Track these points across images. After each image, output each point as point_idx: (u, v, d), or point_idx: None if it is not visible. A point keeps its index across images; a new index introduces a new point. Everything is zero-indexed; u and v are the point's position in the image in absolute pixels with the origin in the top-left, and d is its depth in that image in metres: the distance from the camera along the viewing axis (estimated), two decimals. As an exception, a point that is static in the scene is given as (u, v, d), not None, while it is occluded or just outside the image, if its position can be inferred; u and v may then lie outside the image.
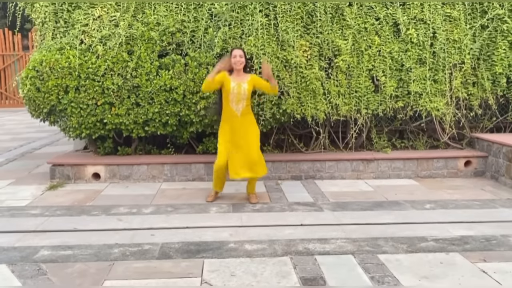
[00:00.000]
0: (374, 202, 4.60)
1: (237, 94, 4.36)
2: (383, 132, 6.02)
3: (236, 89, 4.36)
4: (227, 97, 4.41)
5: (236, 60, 4.36)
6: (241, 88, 4.36)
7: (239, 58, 4.36)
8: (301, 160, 5.52)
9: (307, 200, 4.66)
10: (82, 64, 5.10)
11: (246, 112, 4.46)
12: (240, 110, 4.41)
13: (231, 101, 4.40)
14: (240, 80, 4.39)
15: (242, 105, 4.41)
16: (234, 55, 4.38)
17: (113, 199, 4.74)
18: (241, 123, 4.43)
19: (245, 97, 4.39)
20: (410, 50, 5.51)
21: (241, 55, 4.37)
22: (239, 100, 4.39)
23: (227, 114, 4.46)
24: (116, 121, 5.21)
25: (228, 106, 4.43)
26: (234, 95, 4.37)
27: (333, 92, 5.44)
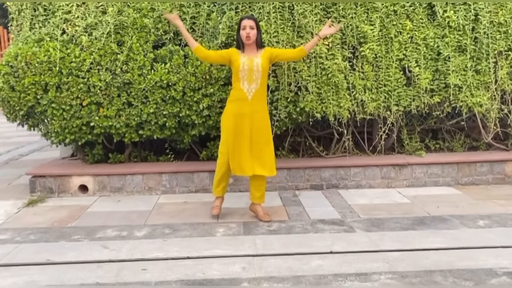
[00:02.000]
0: (414, 219, 3.79)
1: (249, 70, 3.58)
2: (414, 132, 5.19)
3: (248, 64, 3.58)
4: (237, 75, 3.64)
5: (245, 32, 3.57)
6: (253, 63, 3.59)
7: (249, 29, 3.57)
8: (321, 167, 4.71)
9: (333, 217, 3.86)
10: (64, 57, 4.32)
11: (259, 97, 3.66)
12: (252, 92, 3.61)
13: (241, 80, 3.62)
14: (252, 55, 3.63)
15: (255, 85, 3.62)
16: (243, 26, 3.59)
17: (101, 217, 3.96)
18: (251, 109, 3.64)
19: (259, 75, 3.60)
20: (448, 36, 4.68)
21: (251, 26, 3.57)
22: (251, 78, 3.60)
23: (235, 95, 3.69)
24: (105, 124, 4.42)
25: (237, 85, 3.66)
26: (245, 72, 3.60)
27: (359, 86, 4.63)
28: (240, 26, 3.63)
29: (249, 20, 3.61)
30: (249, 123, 3.63)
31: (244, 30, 3.58)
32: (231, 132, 3.66)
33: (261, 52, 3.66)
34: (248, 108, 3.63)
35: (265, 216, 3.78)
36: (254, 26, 3.59)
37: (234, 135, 3.64)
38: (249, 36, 3.57)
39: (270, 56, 3.66)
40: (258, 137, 3.66)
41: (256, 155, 3.67)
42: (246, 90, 3.62)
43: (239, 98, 3.65)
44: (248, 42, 3.60)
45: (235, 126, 3.64)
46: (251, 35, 3.58)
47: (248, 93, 3.62)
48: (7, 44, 14.65)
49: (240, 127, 3.63)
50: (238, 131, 3.63)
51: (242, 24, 3.61)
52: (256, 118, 3.65)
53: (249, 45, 3.62)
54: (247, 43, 3.61)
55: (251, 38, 3.59)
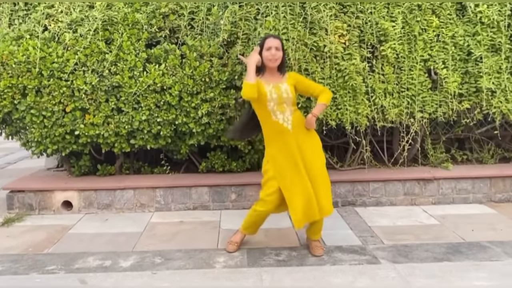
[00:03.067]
0: (447, 246, 3.23)
1: (278, 98, 2.97)
2: (439, 141, 4.64)
3: (276, 92, 2.97)
4: (265, 108, 2.99)
5: (271, 53, 2.98)
6: (281, 89, 2.98)
7: (275, 51, 2.98)
8: (336, 181, 4.15)
9: (352, 243, 3.31)
10: (45, 57, 3.81)
11: (298, 122, 3.03)
12: (290, 120, 2.99)
13: (272, 112, 2.99)
14: (275, 80, 3.03)
15: (289, 112, 3.00)
16: (269, 46, 2.98)
17: (83, 241, 3.43)
18: (298, 139, 3.00)
19: (289, 101, 2.99)
20: (479, 34, 4.13)
21: (278, 47, 3.00)
22: (282, 107, 2.98)
23: (272, 131, 3.04)
24: (91, 132, 3.91)
25: (269, 120, 3.02)
26: (275, 101, 2.97)
27: (378, 90, 4.09)
28: (263, 45, 3.03)
29: (275, 39, 3.02)
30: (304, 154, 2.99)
31: (269, 51, 2.97)
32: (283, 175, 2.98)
33: (286, 77, 3.06)
34: (293, 140, 2.98)
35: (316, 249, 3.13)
36: (281, 47, 3.02)
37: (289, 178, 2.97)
38: (276, 59, 2.99)
39: (296, 83, 3.05)
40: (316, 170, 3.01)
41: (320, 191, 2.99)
42: (282, 121, 2.98)
43: (279, 132, 2.99)
44: (272, 65, 3.01)
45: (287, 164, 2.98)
46: (277, 57, 2.99)
47: (286, 124, 2.98)
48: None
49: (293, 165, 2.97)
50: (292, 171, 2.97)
51: (266, 44, 3.00)
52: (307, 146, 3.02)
53: (271, 69, 3.04)
54: (272, 66, 3.02)
55: (277, 61, 3.01)
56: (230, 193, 4.12)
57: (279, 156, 3.01)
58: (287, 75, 3.09)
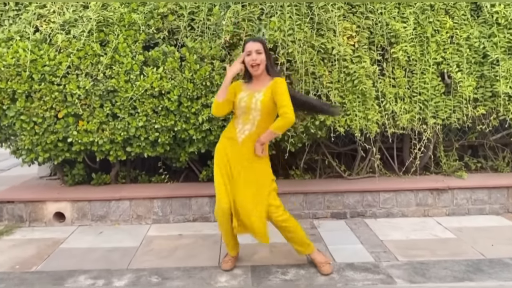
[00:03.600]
0: (467, 263, 2.99)
1: (246, 108, 2.76)
2: (452, 148, 4.41)
3: (246, 101, 2.76)
4: (235, 111, 2.85)
5: (251, 58, 2.74)
6: (252, 99, 2.75)
7: (255, 55, 2.74)
8: (344, 191, 3.93)
9: (364, 260, 3.07)
10: (36, 60, 3.58)
11: (250, 141, 2.77)
12: (244, 134, 2.78)
13: (237, 117, 2.83)
14: (256, 88, 2.79)
15: (250, 127, 2.78)
16: (248, 50, 2.75)
17: (75, 256, 3.20)
18: (242, 155, 2.79)
19: (257, 114, 2.75)
20: (496, 35, 3.92)
21: (258, 51, 2.74)
22: (247, 118, 2.78)
23: (228, 132, 2.88)
24: (85, 139, 3.68)
25: (233, 121, 2.88)
26: (242, 110, 2.78)
27: (389, 95, 3.87)
28: (243, 50, 2.81)
29: (254, 42, 2.76)
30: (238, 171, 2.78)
31: (250, 56, 2.75)
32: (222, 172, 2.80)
33: (268, 84, 2.78)
34: (236, 153, 2.79)
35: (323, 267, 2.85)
36: (262, 49, 2.76)
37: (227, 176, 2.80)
38: (257, 63, 2.74)
39: (272, 93, 2.75)
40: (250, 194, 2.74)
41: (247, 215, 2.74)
42: (238, 130, 2.80)
43: (230, 137, 2.84)
44: (256, 73, 2.77)
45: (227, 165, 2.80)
46: (259, 61, 2.74)
47: (238, 135, 2.79)
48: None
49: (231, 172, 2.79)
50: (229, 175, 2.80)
51: (246, 49, 2.77)
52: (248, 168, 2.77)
53: (257, 75, 2.79)
54: (255, 74, 2.78)
55: (260, 66, 2.75)
56: (232, 204, 3.88)
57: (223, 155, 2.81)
58: (271, 82, 2.78)
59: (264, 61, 2.78)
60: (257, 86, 2.81)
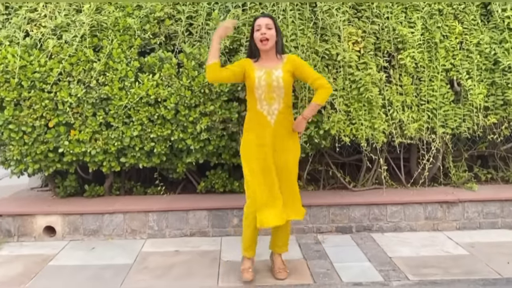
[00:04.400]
0: (483, 283, 2.81)
1: (267, 87, 2.67)
2: (461, 158, 4.24)
3: (265, 79, 2.67)
4: (253, 94, 2.73)
5: (260, 34, 2.68)
6: (272, 77, 2.68)
7: (265, 29, 2.68)
8: (350, 204, 3.74)
9: (372, 279, 2.88)
10: (26, 66, 3.41)
11: (284, 119, 2.73)
12: (274, 114, 2.70)
13: (258, 100, 2.71)
14: (270, 65, 2.71)
15: (278, 106, 2.71)
16: (258, 25, 2.70)
17: (64, 275, 3.00)
18: (276, 136, 2.73)
19: (280, 92, 2.70)
20: (507, 41, 3.76)
21: (268, 25, 2.69)
22: (271, 97, 2.70)
23: (254, 121, 2.77)
24: (77, 150, 3.50)
25: (254, 108, 2.75)
26: (263, 90, 2.69)
27: (396, 103, 3.70)
28: (253, 27, 2.75)
29: (264, 18, 2.73)
30: (273, 156, 2.72)
31: (259, 31, 2.69)
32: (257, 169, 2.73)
33: (283, 61, 2.75)
34: (271, 136, 2.72)
35: (280, 273, 2.85)
36: (272, 25, 2.71)
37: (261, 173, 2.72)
38: (266, 38, 2.67)
39: (294, 69, 2.73)
40: (287, 174, 2.76)
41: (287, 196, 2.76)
42: (266, 113, 2.70)
43: (260, 124, 2.74)
44: (264, 47, 2.70)
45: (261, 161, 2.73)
46: (268, 35, 2.67)
47: (270, 117, 2.70)
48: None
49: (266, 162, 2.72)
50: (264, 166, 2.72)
51: (256, 24, 2.73)
52: (283, 149, 2.74)
53: (266, 51, 2.72)
54: (264, 49, 2.71)
55: (269, 41, 2.69)
56: (232, 218, 3.70)
57: (255, 147, 2.74)
58: (285, 58, 2.75)
59: (274, 37, 2.71)
60: (269, 63, 2.74)
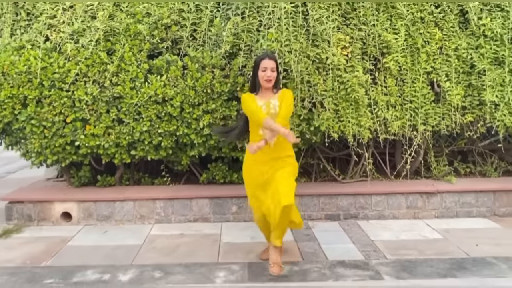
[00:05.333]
0: (451, 262, 3.19)
1: (267, 114, 3.02)
2: (442, 154, 4.62)
3: (265, 108, 3.04)
4: (255, 122, 3.07)
5: (266, 75, 3.05)
6: (270, 106, 3.06)
7: (269, 72, 3.05)
8: (338, 194, 4.13)
9: (355, 258, 3.27)
10: (46, 67, 3.80)
11: (282, 141, 3.03)
12: (273, 137, 3.00)
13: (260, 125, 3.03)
14: (269, 97, 3.10)
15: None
16: (264, 67, 3.06)
17: (82, 253, 3.40)
18: (271, 156, 3.06)
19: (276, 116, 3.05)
20: (483, 47, 4.13)
21: (273, 69, 3.07)
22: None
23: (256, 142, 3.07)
24: (91, 143, 3.89)
25: (257, 132, 3.09)
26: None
27: (381, 102, 4.08)
28: (259, 66, 3.09)
29: (270, 60, 3.08)
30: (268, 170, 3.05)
31: (265, 72, 3.06)
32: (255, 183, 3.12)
33: (278, 93, 3.13)
34: (268, 156, 3.05)
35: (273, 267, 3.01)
36: (275, 68, 3.09)
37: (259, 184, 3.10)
38: (270, 79, 3.07)
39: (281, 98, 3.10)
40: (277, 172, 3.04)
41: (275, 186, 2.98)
42: (268, 137, 3.00)
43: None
44: (268, 86, 3.08)
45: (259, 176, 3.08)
46: (272, 77, 3.07)
47: (269, 140, 2.99)
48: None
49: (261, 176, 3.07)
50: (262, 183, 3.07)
51: (262, 65, 3.08)
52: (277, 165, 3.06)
53: (267, 88, 3.11)
54: (267, 86, 3.09)
55: (272, 81, 3.09)
56: (231, 205, 4.09)
57: (255, 164, 3.08)
58: (280, 92, 3.14)
59: (275, 77, 3.11)
60: (267, 95, 3.12)
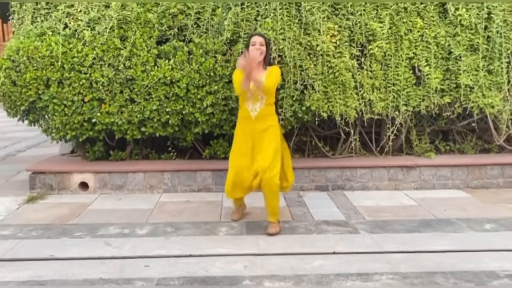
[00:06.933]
0: (420, 221, 3.97)
1: (253, 91, 3.67)
2: (424, 133, 5.37)
3: (252, 84, 3.69)
4: (243, 95, 3.72)
5: (255, 48, 3.67)
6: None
7: (259, 46, 3.68)
8: (327, 167, 4.91)
9: (337, 218, 4.05)
10: (66, 52, 4.54)
11: (263, 115, 3.73)
12: (256, 111, 3.71)
13: (246, 100, 3.72)
14: (257, 74, 3.69)
15: (259, 105, 3.71)
16: (253, 42, 3.70)
17: (102, 215, 4.18)
18: (254, 129, 3.71)
19: (263, 94, 3.69)
20: (459, 35, 4.86)
21: (261, 43, 3.70)
22: (256, 98, 3.71)
23: (242, 114, 3.81)
24: (106, 120, 4.64)
25: (243, 105, 3.77)
26: (250, 93, 3.67)
27: (366, 85, 4.82)
28: (249, 42, 3.74)
29: (259, 37, 3.71)
30: (251, 141, 3.70)
31: (254, 46, 3.65)
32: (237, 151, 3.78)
33: (268, 71, 3.71)
34: (250, 127, 3.71)
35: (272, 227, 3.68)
36: (264, 43, 3.69)
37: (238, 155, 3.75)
38: (259, 52, 3.64)
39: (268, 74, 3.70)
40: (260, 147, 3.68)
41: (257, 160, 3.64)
42: (250, 109, 3.69)
43: (245, 117, 3.75)
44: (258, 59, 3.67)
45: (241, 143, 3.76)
46: (261, 52, 3.66)
47: (252, 112, 3.69)
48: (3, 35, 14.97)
49: (244, 145, 3.72)
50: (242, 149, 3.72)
51: (252, 40, 3.69)
52: (259, 136, 3.70)
53: (259, 63, 3.66)
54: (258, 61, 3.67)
55: (261, 56, 3.66)
56: (231, 177, 4.86)
57: (240, 135, 3.78)
58: (269, 69, 3.74)
59: (264, 52, 3.72)
60: (257, 71, 3.64)
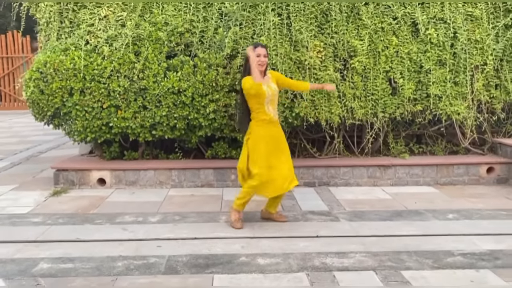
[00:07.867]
0: (393, 212, 4.34)
1: (272, 96, 3.85)
2: (400, 136, 5.75)
3: (268, 91, 3.83)
4: (261, 102, 3.84)
5: (260, 59, 3.91)
6: (272, 88, 3.88)
7: (263, 58, 3.93)
8: (314, 166, 5.28)
9: (321, 209, 4.42)
10: (88, 65, 4.91)
11: (276, 115, 3.98)
12: (276, 113, 3.93)
13: (266, 105, 3.85)
14: (266, 81, 3.95)
15: (275, 106, 3.94)
16: (258, 53, 3.91)
17: (118, 206, 4.53)
18: (278, 131, 3.96)
19: (276, 98, 3.94)
20: (429, 51, 5.25)
21: (265, 55, 3.96)
22: (274, 103, 3.91)
23: (263, 118, 3.87)
24: (122, 124, 5.01)
25: (263, 110, 3.86)
26: (270, 98, 3.85)
27: (348, 95, 5.20)
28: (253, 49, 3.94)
29: (262, 48, 3.91)
30: (278, 143, 3.91)
31: (259, 57, 3.85)
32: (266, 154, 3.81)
33: (269, 76, 3.96)
34: (275, 130, 3.92)
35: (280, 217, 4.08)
36: (267, 54, 3.92)
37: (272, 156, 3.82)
38: (263, 64, 3.88)
39: (277, 81, 3.99)
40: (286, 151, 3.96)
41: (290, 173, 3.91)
42: (271, 112, 3.87)
43: (269, 121, 3.87)
44: (261, 69, 3.87)
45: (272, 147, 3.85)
46: (265, 62, 3.89)
47: (274, 116, 3.90)
48: (22, 47, 15.36)
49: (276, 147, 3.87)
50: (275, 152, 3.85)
51: (256, 51, 3.85)
52: (281, 135, 3.97)
53: (261, 72, 3.88)
54: (261, 70, 3.87)
55: (264, 66, 3.90)
56: (231, 174, 5.22)
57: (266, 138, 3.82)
58: (269, 74, 3.97)
59: (266, 62, 4.02)
60: (262, 79, 3.85)
